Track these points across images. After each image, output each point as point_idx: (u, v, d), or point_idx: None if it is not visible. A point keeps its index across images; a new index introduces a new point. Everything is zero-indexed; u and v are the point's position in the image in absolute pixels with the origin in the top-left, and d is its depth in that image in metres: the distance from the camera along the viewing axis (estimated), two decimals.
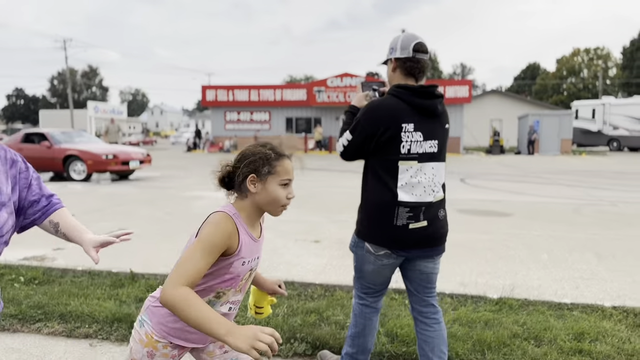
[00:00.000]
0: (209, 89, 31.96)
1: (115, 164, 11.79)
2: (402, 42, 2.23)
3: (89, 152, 11.85)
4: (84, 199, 8.85)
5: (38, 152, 12.16)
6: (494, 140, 27.88)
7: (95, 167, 11.70)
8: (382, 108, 2.17)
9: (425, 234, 2.18)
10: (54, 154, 12.08)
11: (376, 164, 2.20)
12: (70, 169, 11.91)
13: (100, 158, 11.69)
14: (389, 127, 2.13)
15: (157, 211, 7.63)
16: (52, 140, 12.37)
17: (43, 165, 12.08)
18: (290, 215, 7.23)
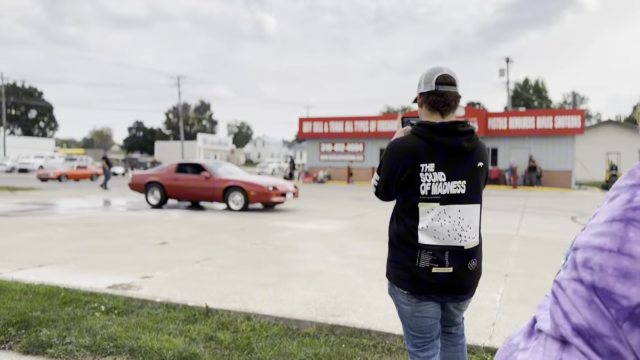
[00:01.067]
0: (305, 121, 32.80)
1: (276, 195, 11.98)
2: (425, 75, 2.13)
3: (252, 184, 12.07)
4: (178, 227, 9.21)
5: (197, 182, 12.56)
6: (610, 174, 25.35)
7: (258, 198, 11.91)
8: (400, 147, 2.07)
9: (450, 283, 2.04)
10: (215, 184, 12.34)
11: (399, 204, 2.13)
12: (230, 199, 12.18)
13: (264, 189, 11.89)
14: (406, 167, 2.03)
15: (245, 241, 7.67)
16: (211, 171, 12.69)
17: (202, 195, 12.60)
18: (375, 251, 6.91)
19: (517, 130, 26.94)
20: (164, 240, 7.66)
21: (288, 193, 12.34)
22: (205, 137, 77.35)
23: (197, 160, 13.38)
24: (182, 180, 12.77)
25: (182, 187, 12.75)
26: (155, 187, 13.00)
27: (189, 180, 12.69)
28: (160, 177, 13.05)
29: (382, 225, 9.78)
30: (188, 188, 12.68)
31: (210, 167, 12.86)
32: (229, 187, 12.11)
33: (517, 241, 8.22)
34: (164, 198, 12.93)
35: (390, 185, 2.12)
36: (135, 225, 9.36)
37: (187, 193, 12.78)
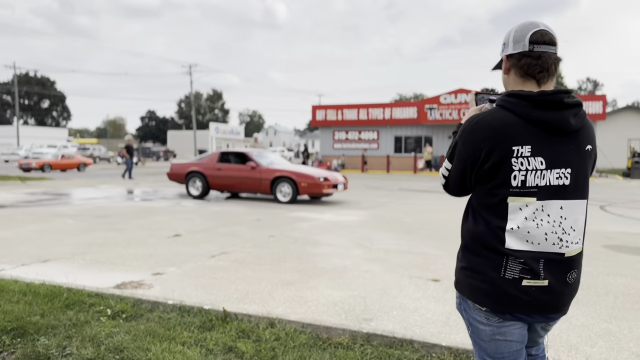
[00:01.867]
0: (318, 109, 32.26)
1: (328, 186, 11.21)
2: (515, 33, 1.65)
3: (303, 174, 11.31)
4: (192, 218, 8.82)
5: (242, 173, 11.91)
6: (633, 162, 24.50)
7: (309, 189, 11.17)
8: (484, 126, 1.60)
9: (544, 299, 1.60)
10: (262, 175, 11.65)
11: (479, 199, 1.66)
12: (277, 191, 11.47)
13: (316, 180, 11.15)
14: (492, 150, 1.57)
15: (262, 233, 7.26)
16: (257, 160, 12.00)
17: (248, 187, 11.91)
18: (401, 245, 6.45)
19: None
20: (178, 232, 7.28)
21: (339, 184, 11.59)
22: (217, 126, 77.08)
23: (242, 149, 12.70)
24: (225, 170, 12.14)
25: (225, 177, 12.10)
26: (196, 178, 12.42)
27: (233, 170, 12.05)
28: (201, 166, 12.43)
29: (404, 216, 9.34)
30: (232, 179, 12.03)
31: (255, 156, 12.21)
32: (277, 177, 11.43)
33: None
34: (206, 189, 12.35)
35: (468, 175, 1.66)
36: (147, 216, 9.00)
37: (231, 184, 12.11)
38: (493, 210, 1.61)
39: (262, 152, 12.97)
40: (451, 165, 1.74)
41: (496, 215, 1.60)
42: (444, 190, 1.84)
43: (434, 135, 29.15)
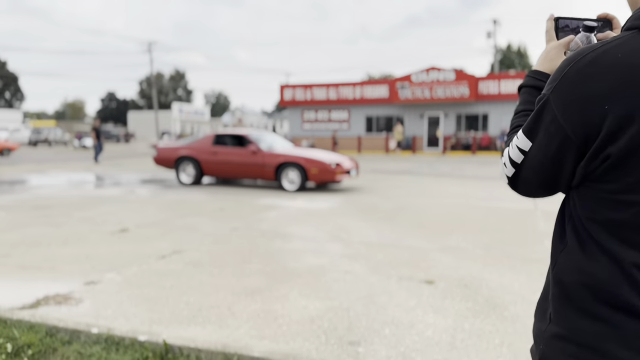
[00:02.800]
0: (286, 88, 31.16)
1: (340, 173, 9.99)
2: None
3: (312, 160, 10.03)
4: (145, 209, 7.84)
5: (242, 158, 10.61)
6: None
7: (320, 176, 9.94)
8: (612, 65, 0.84)
9: None
10: (265, 160, 10.36)
11: (592, 211, 0.90)
12: (283, 178, 10.21)
13: (327, 166, 9.88)
14: (631, 116, 0.81)
15: (224, 225, 6.37)
16: (258, 143, 10.74)
17: (249, 173, 10.63)
18: (383, 236, 5.67)
19: (509, 94, 25.80)
20: (125, 226, 6.31)
21: (352, 170, 10.41)
22: (181, 106, 74.68)
23: (241, 131, 11.47)
24: (222, 154, 10.87)
25: (222, 162, 10.83)
26: (188, 163, 11.13)
27: (231, 155, 10.79)
28: (194, 150, 11.13)
29: (382, 201, 8.60)
30: (230, 164, 10.76)
31: (256, 139, 10.91)
32: (283, 163, 10.18)
33: (542, 217, 7.10)
34: (199, 175, 11.09)
35: (568, 161, 0.91)
36: (94, 206, 7.96)
37: (229, 170, 10.85)
38: (625, 233, 0.86)
39: (263, 134, 11.71)
40: (531, 145, 0.95)
41: (631, 244, 0.85)
42: (510, 187, 1.03)
43: (405, 115, 28.52)
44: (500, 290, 3.84)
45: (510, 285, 3.95)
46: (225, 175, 11.09)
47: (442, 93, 26.30)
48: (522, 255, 4.93)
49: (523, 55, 74.13)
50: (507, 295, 3.72)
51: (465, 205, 8.16)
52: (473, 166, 17.85)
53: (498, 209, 7.79)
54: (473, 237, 5.76)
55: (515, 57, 72.91)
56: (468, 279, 4.11)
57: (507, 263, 4.63)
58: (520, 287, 3.92)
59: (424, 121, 28.19)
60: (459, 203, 8.44)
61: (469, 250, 5.12)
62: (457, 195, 9.60)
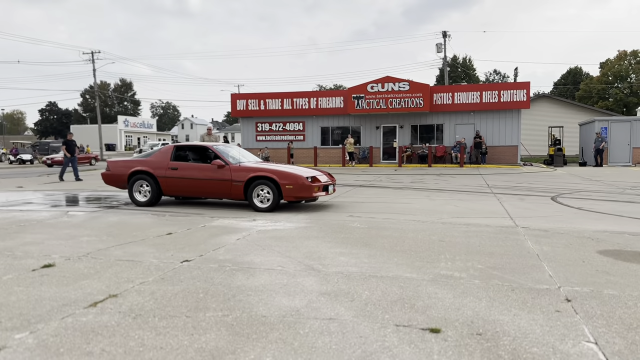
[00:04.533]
0: (239, 99, 30.14)
1: (318, 189, 8.95)
2: None
3: (286, 174, 8.93)
4: (79, 234, 6.69)
5: (206, 173, 9.39)
6: (555, 149, 24.94)
7: (295, 192, 8.81)
8: None
9: None
10: (233, 175, 9.17)
11: None
12: (254, 195, 9.02)
13: (304, 181, 8.81)
14: None
15: (172, 256, 5.38)
16: (224, 157, 9.54)
17: (214, 190, 9.36)
18: (362, 264, 4.82)
19: (462, 104, 25.91)
20: (51, 259, 5.20)
21: (329, 186, 9.40)
22: (126, 119, 71.78)
23: (204, 143, 10.25)
24: (183, 170, 9.58)
25: (183, 179, 9.53)
26: (143, 180, 9.79)
27: (193, 170, 9.53)
28: (150, 165, 9.80)
29: (351, 220, 7.74)
30: (193, 181, 9.48)
31: (222, 151, 9.71)
32: (253, 178, 9.03)
33: (527, 235, 6.53)
34: (157, 194, 9.75)
35: None
36: (17, 233, 6.74)
37: (192, 187, 9.54)
38: None
39: (229, 147, 10.49)
40: None
41: None
42: None
43: (361, 126, 28.11)
44: (522, 338, 3.11)
45: (531, 331, 3.23)
46: (187, 193, 9.79)
47: (397, 104, 26.07)
48: (527, 286, 4.25)
49: (469, 68, 76.31)
50: (534, 346, 2.99)
51: (440, 223, 7.51)
52: (432, 178, 17.48)
53: (476, 227, 7.18)
54: (463, 262, 5.06)
55: (460, 69, 74.91)
56: (478, 323, 3.36)
57: (515, 297, 3.93)
58: (543, 333, 3.20)
59: (380, 132, 27.87)
60: (433, 221, 7.78)
61: (464, 280, 4.40)
62: (427, 211, 8.97)
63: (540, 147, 35.53)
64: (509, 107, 25.10)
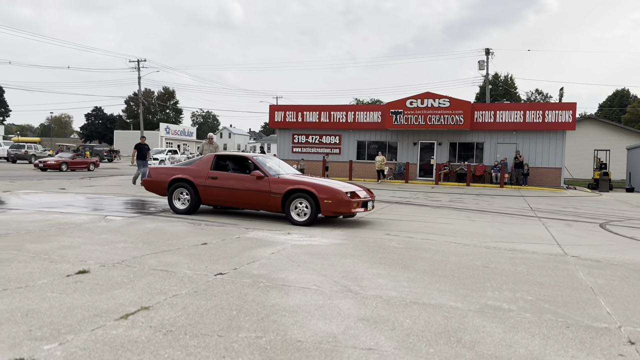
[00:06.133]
0: (277, 110, 30.33)
1: (357, 204, 8.74)
2: None
3: (325, 187, 8.74)
4: (115, 240, 6.68)
5: (244, 184, 9.30)
6: (601, 173, 23.91)
7: (334, 207, 8.59)
8: None
9: None
10: (271, 187, 9.03)
11: None
12: (291, 208, 8.86)
13: (343, 196, 8.60)
14: None
15: (206, 268, 5.26)
16: (263, 167, 9.46)
17: (252, 201, 9.26)
18: (402, 288, 4.41)
19: (505, 123, 25.22)
20: (86, 265, 5.16)
21: (368, 203, 9.13)
22: (168, 126, 73.51)
23: (244, 153, 10.20)
24: (223, 179, 9.52)
25: (222, 188, 9.46)
26: (183, 188, 9.79)
27: (233, 180, 9.45)
28: (190, 173, 9.80)
29: (388, 238, 7.45)
30: (232, 190, 9.39)
31: (261, 162, 9.63)
32: (292, 191, 8.87)
33: (578, 265, 6.11)
34: (196, 202, 9.71)
35: None
36: (55, 237, 6.79)
37: (231, 197, 9.46)
38: None
39: (268, 158, 10.44)
40: None
41: None
42: None
43: (398, 141, 27.76)
44: None
45: None
46: (226, 203, 9.71)
47: (436, 120, 25.62)
48: (583, 323, 3.90)
49: (510, 86, 74.72)
50: None
51: (483, 247, 7.16)
52: (472, 198, 16.96)
53: (522, 254, 6.79)
54: (511, 292, 4.73)
55: (501, 87, 73.43)
56: None
57: (571, 336, 3.60)
58: None
59: (417, 149, 27.43)
60: (476, 244, 7.43)
61: (514, 313, 4.09)
62: (469, 233, 8.60)
63: (583, 170, 34.25)
64: (553, 128, 24.26)
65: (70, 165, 28.08)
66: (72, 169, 28.29)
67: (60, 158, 28.60)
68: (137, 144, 16.85)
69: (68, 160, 28.26)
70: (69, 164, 28.04)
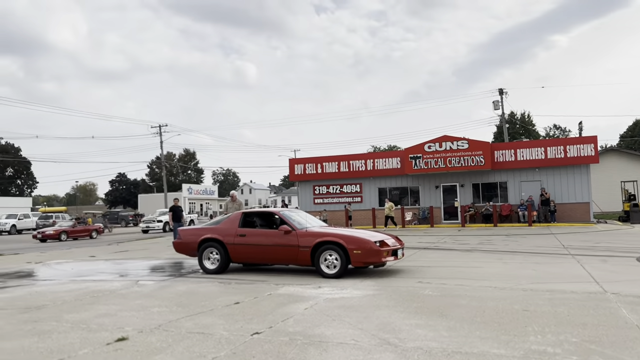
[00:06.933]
0: (297, 163, 30.80)
1: (387, 253, 8.67)
2: None
3: (354, 238, 8.77)
4: (150, 305, 6.75)
5: (273, 239, 9.34)
6: (631, 205, 23.36)
7: (364, 257, 8.56)
8: None
9: None
10: (300, 240, 9.04)
11: None
12: (321, 261, 8.81)
13: (372, 245, 8.56)
14: None
15: (242, 328, 5.25)
16: (290, 222, 9.45)
17: (281, 256, 9.31)
18: (442, 338, 4.29)
19: (526, 161, 25.07)
20: (124, 332, 5.22)
21: (398, 250, 9.06)
22: (190, 186, 74.90)
23: (270, 209, 10.42)
24: (251, 236, 9.59)
25: (251, 245, 9.53)
26: (213, 247, 9.86)
27: (261, 237, 9.54)
28: (219, 232, 9.88)
29: (421, 286, 7.24)
30: (260, 247, 9.45)
31: (288, 217, 9.64)
32: (320, 243, 8.84)
33: (620, 303, 5.93)
34: (226, 261, 9.77)
35: None
36: (91, 305, 6.89)
37: (260, 254, 9.55)
38: None
39: (294, 211, 10.56)
40: None
41: None
42: None
43: (420, 185, 27.73)
44: None
45: None
46: (255, 260, 9.81)
47: (456, 162, 25.63)
48: None
49: (528, 123, 74.63)
50: None
51: (520, 290, 7.00)
52: (501, 239, 16.67)
53: (561, 294, 6.62)
54: (554, 335, 4.60)
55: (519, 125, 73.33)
56: None
57: None
58: None
59: (439, 192, 27.32)
60: (512, 287, 7.27)
61: (559, 356, 3.97)
62: (503, 276, 8.44)
63: (612, 202, 33.46)
64: (576, 162, 24.01)
65: (70, 234, 27.27)
66: (74, 238, 27.57)
67: (60, 227, 27.96)
68: (171, 207, 17.25)
69: (68, 229, 27.56)
70: (69, 233, 27.22)
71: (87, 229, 29.18)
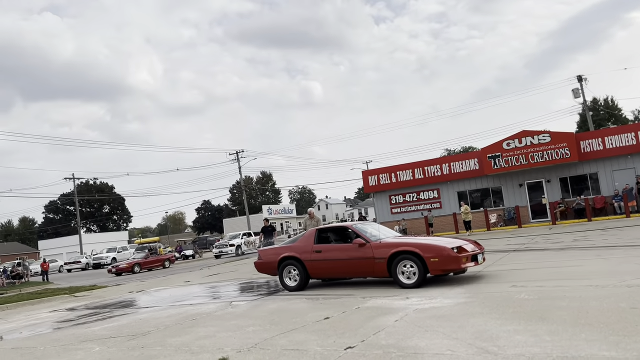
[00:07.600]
0: (370, 175, 30.75)
1: (466, 259, 8.45)
2: None
3: (430, 246, 8.65)
4: (244, 325, 7.00)
5: (348, 253, 9.41)
6: None
7: (442, 265, 8.39)
8: None
9: None
10: (375, 252, 9.01)
11: None
12: (398, 271, 8.73)
13: (450, 252, 8.36)
14: None
15: (334, 343, 5.30)
16: (364, 234, 9.49)
17: (357, 269, 9.37)
18: (545, 343, 4.05)
19: (616, 148, 23.33)
20: (224, 353, 5.45)
21: (478, 255, 8.76)
22: (269, 207, 77.18)
23: (344, 224, 10.57)
24: (326, 251, 9.75)
25: (327, 260, 9.67)
26: (291, 265, 10.10)
27: (336, 251, 9.68)
28: (297, 250, 10.12)
29: (515, 290, 6.92)
30: (336, 262, 9.57)
31: (361, 230, 9.68)
32: (396, 253, 8.75)
33: None
34: (305, 277, 9.97)
35: None
36: (191, 328, 7.27)
37: (336, 269, 9.68)
38: None
39: (367, 224, 10.64)
40: None
41: None
42: None
43: (502, 185, 26.61)
44: None
45: None
46: (332, 275, 9.98)
47: (539, 157, 24.36)
48: None
49: (612, 108, 69.40)
50: None
51: (625, 287, 6.50)
52: (597, 234, 15.55)
53: None
54: None
55: (603, 112, 68.36)
56: None
57: None
58: None
59: (524, 189, 26.04)
60: (615, 284, 6.77)
61: None
62: (604, 273, 7.88)
63: None
64: None
65: (143, 265, 28.04)
66: (149, 269, 28.18)
67: (133, 260, 28.84)
68: (262, 228, 18.00)
69: (141, 261, 28.37)
70: (142, 265, 28.01)
71: (160, 259, 29.86)
